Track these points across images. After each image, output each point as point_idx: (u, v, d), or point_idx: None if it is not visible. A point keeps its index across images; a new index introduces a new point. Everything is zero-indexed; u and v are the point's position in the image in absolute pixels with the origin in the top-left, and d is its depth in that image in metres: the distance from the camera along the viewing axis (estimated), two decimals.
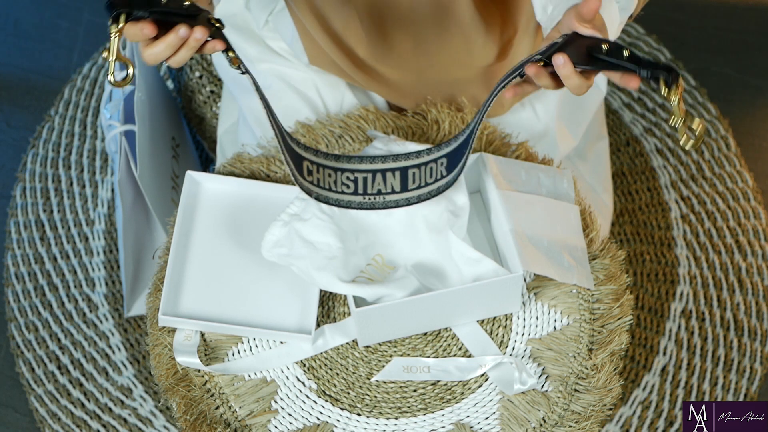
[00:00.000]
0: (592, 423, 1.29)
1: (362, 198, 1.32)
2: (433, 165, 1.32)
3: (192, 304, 1.33)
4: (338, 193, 1.32)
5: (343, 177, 1.32)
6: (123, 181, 1.75)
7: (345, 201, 1.32)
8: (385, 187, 1.32)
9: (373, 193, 1.32)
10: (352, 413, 1.31)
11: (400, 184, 1.32)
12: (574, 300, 1.34)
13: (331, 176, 1.32)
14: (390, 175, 1.33)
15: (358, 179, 1.32)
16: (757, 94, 2.18)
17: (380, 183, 1.32)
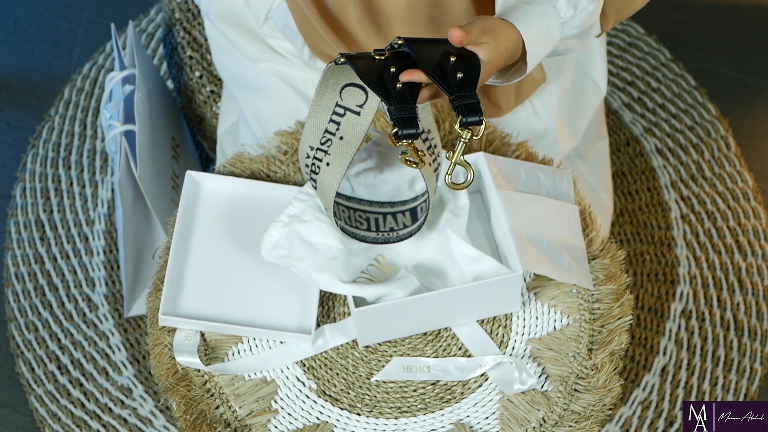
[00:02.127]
0: (592, 423, 1.29)
1: (376, 234, 1.32)
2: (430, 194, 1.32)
3: (192, 303, 1.33)
4: (354, 228, 1.32)
5: (356, 215, 1.33)
6: (123, 181, 1.75)
7: (360, 235, 1.32)
8: (397, 225, 1.33)
9: (385, 231, 1.33)
10: (352, 413, 1.31)
11: (410, 219, 1.33)
12: (574, 300, 1.34)
13: (345, 213, 1.33)
14: (400, 215, 1.34)
15: (370, 219, 1.33)
16: (757, 94, 2.18)
17: (392, 222, 1.33)
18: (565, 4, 1.27)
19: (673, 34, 2.24)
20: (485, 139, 1.45)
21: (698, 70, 2.20)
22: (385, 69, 1.18)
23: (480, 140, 1.45)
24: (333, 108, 1.25)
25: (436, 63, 1.18)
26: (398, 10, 1.38)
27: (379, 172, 1.35)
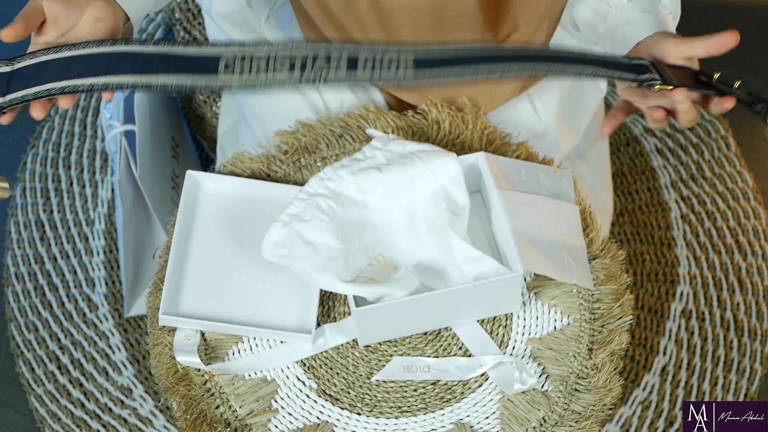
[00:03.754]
0: (592, 423, 1.29)
1: (300, 74, 1.20)
2: (393, 57, 1.23)
3: (192, 303, 1.34)
4: (269, 72, 1.20)
5: (278, 61, 1.22)
6: (123, 181, 1.75)
7: (278, 80, 1.20)
8: (328, 67, 1.21)
9: (313, 70, 1.21)
10: (352, 413, 1.31)
11: (346, 65, 1.21)
12: (574, 300, 1.34)
13: (262, 61, 1.21)
14: (335, 57, 1.22)
15: (296, 61, 1.21)
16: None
17: (323, 63, 1.21)
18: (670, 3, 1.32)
19: None
20: (485, 139, 1.45)
21: None
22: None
23: (480, 140, 1.45)
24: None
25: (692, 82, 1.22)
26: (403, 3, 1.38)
27: (378, 172, 1.35)
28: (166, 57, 1.22)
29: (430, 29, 1.40)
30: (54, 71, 1.22)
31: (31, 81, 1.22)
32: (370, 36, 1.43)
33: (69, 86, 1.21)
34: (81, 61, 1.22)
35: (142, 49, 1.22)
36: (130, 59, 1.21)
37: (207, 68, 1.20)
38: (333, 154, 1.45)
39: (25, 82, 1.22)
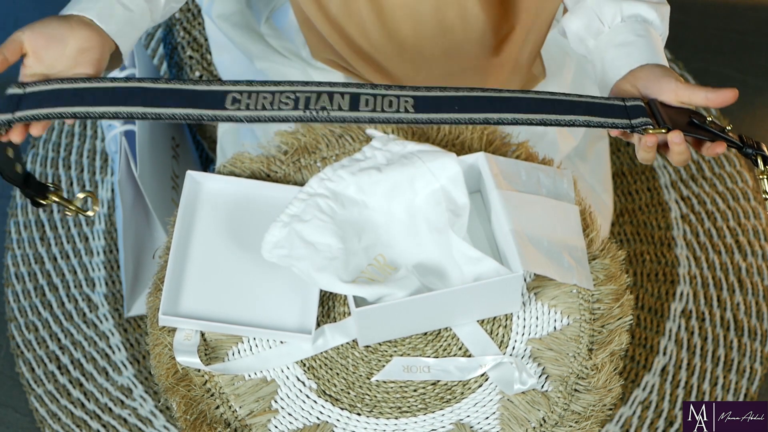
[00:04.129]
0: (592, 423, 1.29)
1: (302, 112, 1.23)
2: (393, 99, 1.26)
3: (192, 303, 1.34)
4: (273, 110, 1.23)
5: (282, 97, 1.25)
6: (123, 181, 1.75)
7: (281, 116, 1.23)
8: (331, 105, 1.24)
9: (315, 109, 1.24)
10: (352, 413, 1.31)
11: (349, 104, 1.24)
12: (574, 300, 1.34)
13: (267, 98, 1.25)
14: (338, 96, 1.25)
15: (300, 98, 1.24)
16: (757, 94, 2.18)
17: (325, 101, 1.24)
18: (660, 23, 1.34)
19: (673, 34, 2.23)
20: (485, 139, 1.45)
21: (698, 70, 2.20)
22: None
23: (480, 140, 1.45)
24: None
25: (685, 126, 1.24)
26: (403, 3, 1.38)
27: (378, 172, 1.35)
28: (176, 92, 1.25)
29: (430, 30, 1.40)
30: (67, 98, 1.24)
31: (42, 103, 1.24)
32: (370, 36, 1.43)
33: (80, 112, 1.23)
34: (95, 92, 1.25)
35: (153, 85, 1.25)
36: (141, 93, 1.24)
37: (215, 102, 1.23)
38: (333, 154, 1.45)
39: (36, 103, 1.24)
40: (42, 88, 1.26)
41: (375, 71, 1.48)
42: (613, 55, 1.31)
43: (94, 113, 1.23)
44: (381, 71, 1.48)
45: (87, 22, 1.27)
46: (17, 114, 1.24)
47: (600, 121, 1.24)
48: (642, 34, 1.31)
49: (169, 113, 1.23)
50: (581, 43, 1.37)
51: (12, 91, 1.26)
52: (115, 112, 1.23)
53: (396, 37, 1.41)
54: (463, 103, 1.24)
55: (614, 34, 1.33)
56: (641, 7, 1.33)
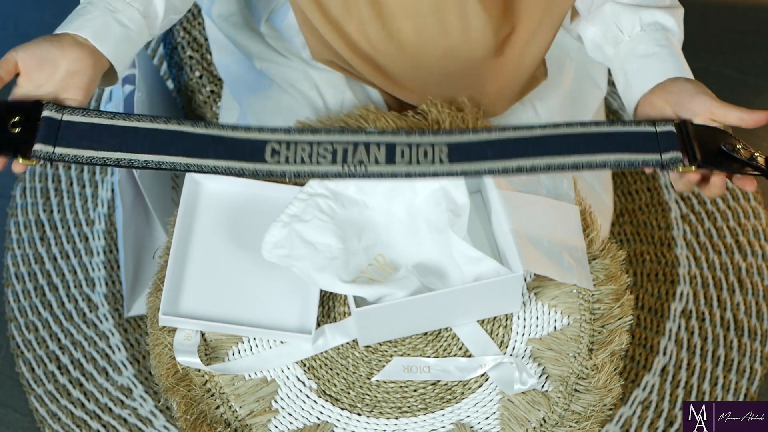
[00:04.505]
0: (592, 423, 1.29)
1: (341, 168, 1.24)
2: (428, 148, 1.26)
3: (192, 303, 1.33)
4: (313, 165, 1.24)
5: (320, 148, 1.25)
6: (123, 181, 1.75)
7: (320, 172, 1.24)
8: (368, 159, 1.25)
9: (353, 163, 1.25)
10: (353, 413, 1.31)
11: (385, 157, 1.25)
12: (574, 300, 1.34)
13: (305, 150, 1.25)
14: (374, 147, 1.26)
15: (337, 150, 1.25)
16: (757, 94, 2.18)
17: (362, 154, 1.25)
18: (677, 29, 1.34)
19: None
20: None
21: (698, 70, 2.18)
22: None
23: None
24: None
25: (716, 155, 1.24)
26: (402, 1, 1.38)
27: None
28: (215, 140, 1.24)
29: (430, 30, 1.40)
30: (109, 139, 1.23)
31: (82, 141, 1.22)
32: (370, 36, 1.42)
33: (124, 160, 1.22)
34: (135, 135, 1.23)
35: (193, 130, 1.24)
36: (181, 139, 1.23)
37: (254, 154, 1.24)
38: None
39: (76, 141, 1.22)
40: (80, 118, 1.23)
41: (375, 71, 1.48)
42: (637, 67, 1.32)
43: (137, 161, 1.22)
44: (381, 71, 1.48)
45: (81, 41, 1.26)
46: (57, 150, 1.21)
47: (631, 160, 1.23)
48: (664, 44, 1.32)
49: (211, 165, 1.23)
50: (598, 50, 1.38)
51: (49, 113, 1.23)
52: (158, 162, 1.22)
53: (396, 37, 1.41)
54: (495, 149, 1.25)
55: (635, 43, 1.33)
56: (659, 15, 1.34)
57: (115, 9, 1.29)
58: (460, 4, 1.37)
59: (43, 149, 1.21)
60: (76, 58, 1.25)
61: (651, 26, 1.34)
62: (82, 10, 1.29)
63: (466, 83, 1.48)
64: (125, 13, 1.30)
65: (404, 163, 1.24)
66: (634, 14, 1.34)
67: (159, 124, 1.24)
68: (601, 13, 1.37)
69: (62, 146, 1.22)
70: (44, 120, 1.22)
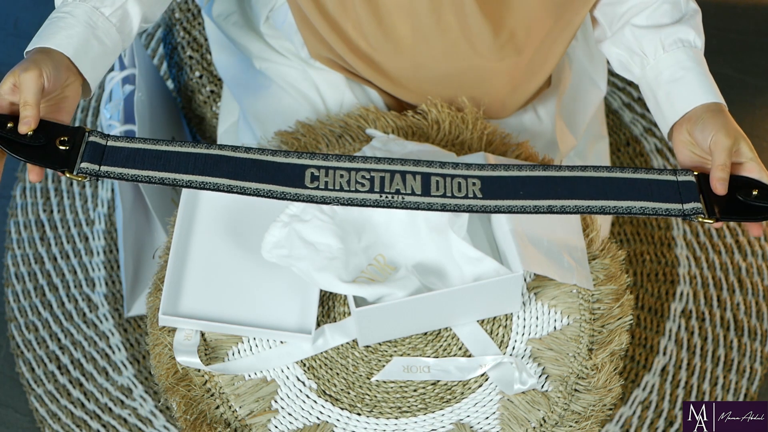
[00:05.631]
0: (592, 423, 1.29)
1: (378, 196, 1.26)
2: (462, 181, 1.28)
3: (192, 303, 1.33)
4: (351, 192, 1.26)
5: (358, 176, 1.27)
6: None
7: (359, 200, 1.26)
8: (405, 188, 1.27)
9: (390, 192, 1.26)
10: (352, 413, 1.31)
11: (421, 187, 1.27)
12: (574, 300, 1.34)
13: (344, 177, 1.27)
14: (410, 177, 1.28)
15: (374, 178, 1.27)
16: (757, 94, 2.18)
17: (399, 183, 1.27)
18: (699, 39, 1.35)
19: None
20: (485, 139, 1.45)
21: None
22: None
23: (480, 140, 1.45)
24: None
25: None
26: (399, 1, 1.38)
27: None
28: (256, 163, 1.26)
29: (427, 29, 1.40)
30: (152, 161, 1.25)
31: (127, 162, 1.25)
32: (367, 35, 1.42)
33: (169, 179, 1.24)
34: (179, 158, 1.25)
35: (233, 154, 1.26)
36: (224, 163, 1.25)
37: (294, 179, 1.26)
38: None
39: (122, 161, 1.25)
40: (124, 144, 1.26)
41: (374, 71, 1.48)
42: (663, 93, 1.33)
43: (181, 181, 1.24)
44: (380, 71, 1.48)
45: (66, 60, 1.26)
46: (103, 168, 1.24)
47: (655, 208, 1.25)
48: (688, 66, 1.33)
49: (253, 188, 1.24)
50: (626, 71, 1.39)
51: (94, 139, 1.25)
52: (202, 182, 1.24)
53: (393, 35, 1.41)
54: (527, 187, 1.27)
55: (660, 67, 1.34)
56: (679, 30, 1.34)
57: (95, 25, 1.29)
58: (456, 2, 1.37)
59: (89, 167, 1.24)
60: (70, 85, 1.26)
61: (673, 46, 1.35)
62: (64, 22, 1.28)
63: (467, 83, 1.48)
64: (103, 28, 1.30)
65: (439, 196, 1.26)
66: (655, 36, 1.35)
67: (200, 149, 1.26)
68: (623, 37, 1.38)
69: (107, 165, 1.24)
70: (90, 144, 1.25)
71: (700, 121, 1.28)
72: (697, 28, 1.36)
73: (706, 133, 1.26)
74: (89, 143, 1.25)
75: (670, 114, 1.32)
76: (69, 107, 1.27)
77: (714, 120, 1.27)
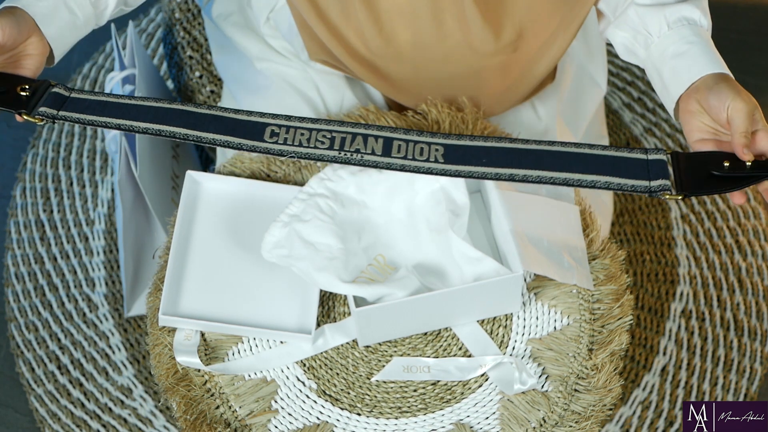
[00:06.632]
0: (592, 423, 1.29)
1: (337, 153, 1.28)
2: (424, 146, 1.30)
3: (192, 303, 1.34)
4: (309, 147, 1.29)
5: (319, 135, 1.30)
6: (123, 181, 1.75)
7: (316, 155, 1.28)
8: (365, 149, 1.29)
9: (350, 150, 1.29)
10: (352, 413, 1.31)
11: (382, 149, 1.29)
12: (574, 300, 1.34)
13: (304, 135, 1.30)
14: (372, 139, 1.30)
15: (335, 138, 1.30)
16: (757, 94, 2.17)
17: (360, 144, 1.30)
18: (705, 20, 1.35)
19: None
20: None
21: None
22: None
23: None
24: None
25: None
26: (400, 6, 1.38)
27: (378, 172, 1.35)
28: (217, 118, 1.30)
29: (429, 35, 1.40)
30: (112, 110, 1.29)
31: (86, 110, 1.29)
32: (369, 42, 1.42)
33: (125, 125, 1.28)
34: (139, 109, 1.30)
35: (195, 109, 1.30)
36: (185, 115, 1.29)
37: (254, 134, 1.29)
38: None
39: (81, 109, 1.29)
40: (87, 96, 1.30)
41: (375, 76, 1.48)
42: (669, 69, 1.32)
43: (137, 127, 1.28)
44: (380, 76, 1.48)
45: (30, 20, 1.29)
46: (61, 113, 1.29)
47: (620, 184, 1.26)
48: (693, 40, 1.32)
49: (210, 138, 1.28)
50: (631, 54, 1.38)
51: (58, 90, 1.30)
52: (158, 129, 1.28)
53: (394, 42, 1.41)
54: (491, 156, 1.28)
55: (665, 44, 1.34)
56: (684, 9, 1.34)
57: None
58: (457, 7, 1.37)
59: (47, 111, 1.28)
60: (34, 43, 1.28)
61: (677, 23, 1.34)
62: None
63: (468, 85, 1.48)
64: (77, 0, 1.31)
65: (400, 157, 1.28)
66: (659, 14, 1.34)
67: (163, 104, 1.30)
68: (627, 18, 1.37)
69: (66, 111, 1.29)
70: (52, 94, 1.29)
71: (715, 87, 1.27)
72: (703, 8, 1.35)
73: (723, 100, 1.25)
74: (52, 93, 1.29)
75: (675, 87, 1.31)
76: (32, 65, 1.30)
77: (729, 87, 1.27)
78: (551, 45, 1.45)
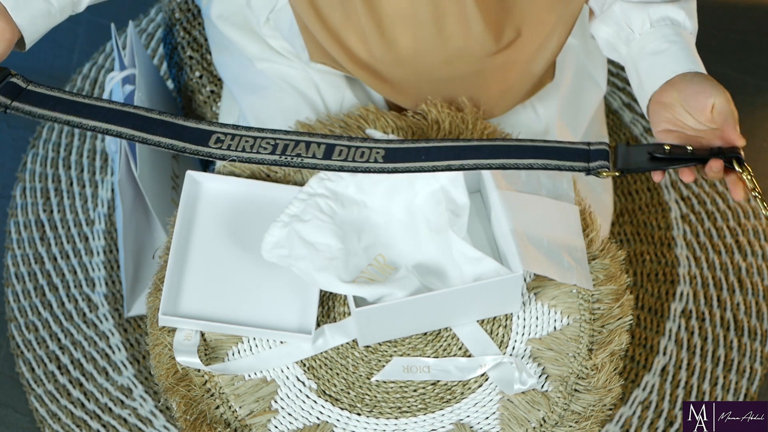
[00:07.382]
0: (592, 423, 1.29)
1: (278, 157, 1.31)
2: (366, 150, 1.32)
3: (192, 303, 1.34)
4: (251, 153, 1.31)
5: (263, 142, 1.33)
6: (123, 181, 1.75)
7: (257, 159, 1.31)
8: (307, 152, 1.32)
9: (290, 155, 1.32)
10: (352, 413, 1.31)
11: (323, 153, 1.32)
12: (574, 300, 1.34)
13: (249, 142, 1.32)
14: (314, 145, 1.33)
15: (278, 144, 1.32)
16: (757, 94, 2.18)
17: (302, 149, 1.32)
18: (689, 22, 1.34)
19: None
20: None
21: None
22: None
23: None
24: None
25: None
26: (401, 11, 1.38)
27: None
28: (166, 123, 1.32)
29: (430, 39, 1.40)
30: (65, 107, 1.31)
31: (40, 103, 1.30)
32: (370, 47, 1.42)
33: (74, 121, 1.29)
34: (91, 108, 1.31)
35: (147, 114, 1.32)
36: (134, 118, 1.31)
37: (200, 139, 1.32)
38: None
39: (35, 102, 1.30)
40: (43, 90, 1.31)
41: (376, 80, 1.48)
42: (647, 65, 1.32)
43: (86, 125, 1.29)
44: (380, 78, 1.48)
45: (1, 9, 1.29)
46: (14, 103, 1.30)
47: (557, 164, 1.27)
48: (673, 39, 1.32)
49: (155, 140, 1.30)
50: (613, 50, 1.38)
51: (15, 80, 1.31)
52: (106, 129, 1.30)
53: (396, 47, 1.42)
54: (430, 154, 1.30)
55: (645, 41, 1.33)
56: (669, 9, 1.33)
57: None
58: (459, 11, 1.37)
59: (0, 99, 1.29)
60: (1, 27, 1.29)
61: (660, 22, 1.34)
62: None
63: (468, 86, 1.48)
64: None
65: (340, 160, 1.31)
66: (643, 11, 1.34)
67: (115, 106, 1.32)
68: (612, 13, 1.37)
69: (20, 102, 1.30)
70: (9, 83, 1.31)
71: (696, 79, 1.27)
72: (689, 11, 1.35)
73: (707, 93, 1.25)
74: (9, 82, 1.31)
75: (650, 84, 1.31)
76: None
77: (711, 81, 1.27)
78: (549, 42, 1.45)
